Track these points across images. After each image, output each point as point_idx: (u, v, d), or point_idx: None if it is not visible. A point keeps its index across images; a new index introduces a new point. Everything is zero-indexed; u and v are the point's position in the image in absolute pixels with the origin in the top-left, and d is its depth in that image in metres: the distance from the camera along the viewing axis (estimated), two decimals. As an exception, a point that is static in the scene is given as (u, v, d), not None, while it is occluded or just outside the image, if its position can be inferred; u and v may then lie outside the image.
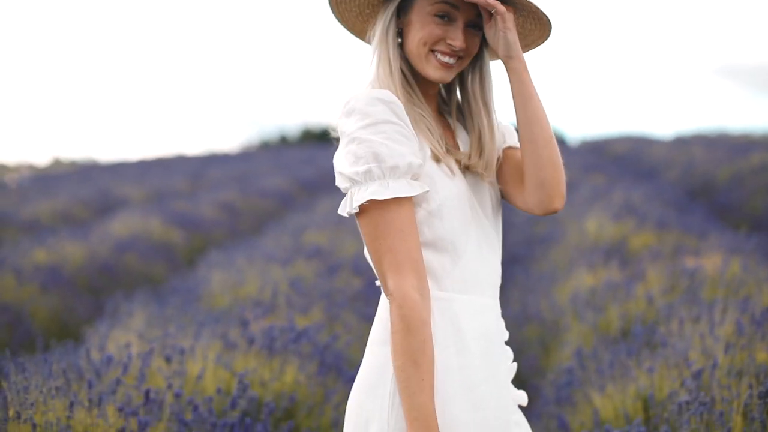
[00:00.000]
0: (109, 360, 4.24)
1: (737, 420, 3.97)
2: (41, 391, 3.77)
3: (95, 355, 4.53)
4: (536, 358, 6.67)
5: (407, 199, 2.32)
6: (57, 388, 3.85)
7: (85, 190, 16.63)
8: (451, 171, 2.44)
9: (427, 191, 2.36)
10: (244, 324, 5.23)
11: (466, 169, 2.49)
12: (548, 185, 2.46)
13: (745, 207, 11.71)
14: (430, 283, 2.38)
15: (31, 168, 32.45)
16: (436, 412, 2.29)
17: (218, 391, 4.20)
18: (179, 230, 11.73)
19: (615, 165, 16.88)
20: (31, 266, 9.09)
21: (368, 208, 2.30)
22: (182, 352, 4.76)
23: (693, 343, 5.06)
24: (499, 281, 2.51)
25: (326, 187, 15.84)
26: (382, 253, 2.30)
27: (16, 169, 31.97)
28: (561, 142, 21.64)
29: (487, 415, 2.38)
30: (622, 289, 6.77)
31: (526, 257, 9.47)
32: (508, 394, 2.48)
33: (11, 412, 3.63)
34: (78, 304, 8.64)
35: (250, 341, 4.86)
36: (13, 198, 16.21)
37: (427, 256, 2.38)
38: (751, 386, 4.11)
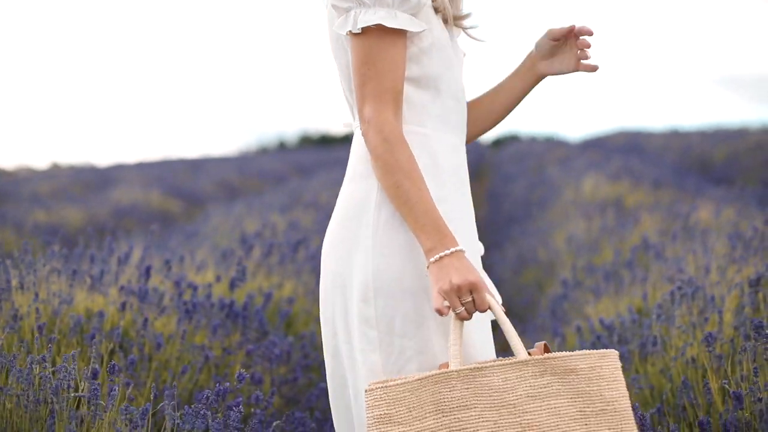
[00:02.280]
0: (110, 251, 4.30)
1: (729, 303, 4.03)
2: (44, 265, 3.84)
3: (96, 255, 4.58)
4: (532, 295, 6.74)
5: (404, 33, 2.39)
6: (59, 269, 3.93)
7: (85, 175, 16.70)
8: (444, 17, 2.51)
9: (425, 29, 2.43)
10: (244, 240, 5.29)
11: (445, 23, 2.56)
12: (480, 132, 2.72)
13: (739, 181, 11.78)
14: (411, 118, 2.44)
15: (30, 171, 32.51)
16: (411, 242, 2.35)
17: (217, 278, 4.25)
18: (178, 200, 11.79)
19: (613, 151, 16.95)
20: (31, 224, 9.16)
21: (369, 31, 2.36)
22: (182, 259, 4.83)
23: (687, 260, 5.14)
24: (465, 127, 2.59)
25: (323, 167, 15.89)
26: (369, 79, 2.35)
27: (15, 173, 32.05)
28: (562, 143, 21.82)
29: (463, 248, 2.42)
30: (617, 231, 6.84)
31: (523, 218, 9.53)
32: (476, 235, 2.55)
33: (15, 282, 3.70)
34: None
35: (249, 249, 4.92)
36: (14, 181, 16.28)
37: (409, 91, 2.43)
38: (741, 283, 4.18)
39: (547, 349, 2.30)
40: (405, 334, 2.33)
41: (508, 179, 13.29)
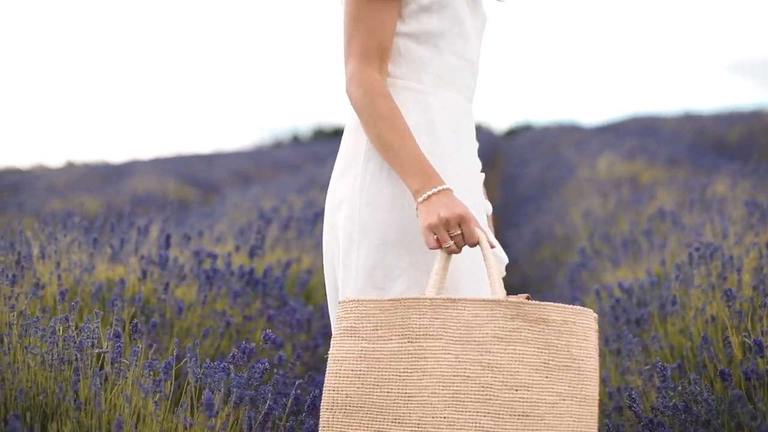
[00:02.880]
0: (130, 223, 4.33)
1: (747, 264, 4.04)
2: (65, 236, 3.87)
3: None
4: (549, 270, 6.73)
5: None
6: (80, 240, 3.95)
7: (100, 170, 16.74)
8: None
9: None
10: (262, 215, 5.30)
11: None
12: None
13: (755, 159, 11.74)
14: (408, 74, 2.45)
15: (45, 169, 32.64)
16: (396, 195, 2.37)
17: (236, 248, 4.27)
18: (194, 188, 11.82)
19: (627, 134, 16.91)
20: (48, 212, 9.19)
21: None
22: (200, 233, 4.85)
23: (704, 227, 5.14)
24: (475, 87, 2.59)
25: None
26: (356, 35, 2.38)
27: (30, 171, 32.18)
28: (576, 128, 21.75)
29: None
30: (633, 205, 6.84)
31: (539, 197, 9.53)
32: (480, 192, 2.56)
33: (36, 251, 3.72)
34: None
35: (267, 222, 4.93)
36: (29, 177, 16.34)
37: (408, 45, 2.45)
38: (758, 244, 4.19)
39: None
40: (383, 287, 2.37)
41: (523, 163, 13.29)
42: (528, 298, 2.28)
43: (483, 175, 2.65)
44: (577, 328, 2.20)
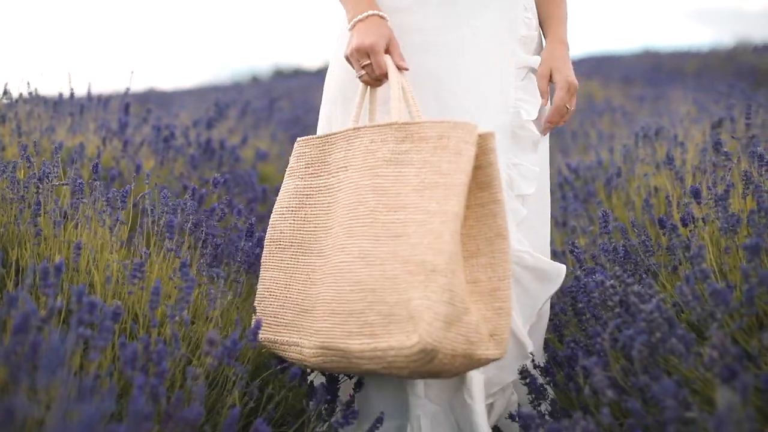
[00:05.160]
0: (89, 97, 4.36)
1: (691, 146, 4.18)
2: (24, 103, 3.90)
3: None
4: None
5: None
6: (40, 110, 3.99)
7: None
8: None
9: None
10: (218, 104, 5.35)
11: None
12: None
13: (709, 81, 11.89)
14: None
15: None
16: None
17: (194, 123, 4.33)
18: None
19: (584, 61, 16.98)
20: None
21: None
22: (159, 118, 4.89)
23: (653, 121, 5.26)
24: None
25: (297, 91, 15.86)
26: None
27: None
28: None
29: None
30: (586, 114, 6.95)
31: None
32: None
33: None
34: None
35: (224, 108, 4.98)
36: None
37: None
38: (703, 123, 4.31)
39: None
40: None
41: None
42: None
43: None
44: (451, 143, 2.11)
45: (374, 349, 1.98)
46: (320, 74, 15.06)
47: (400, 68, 2.31)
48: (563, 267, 2.47)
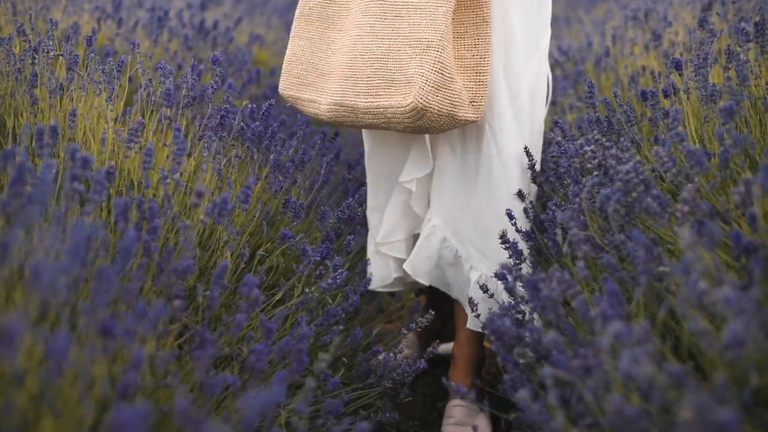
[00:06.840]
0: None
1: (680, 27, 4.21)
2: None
3: None
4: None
5: None
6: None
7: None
8: None
9: None
10: None
11: None
12: None
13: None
14: None
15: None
16: None
17: (188, 5, 4.35)
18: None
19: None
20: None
21: None
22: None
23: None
24: None
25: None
26: None
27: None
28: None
29: None
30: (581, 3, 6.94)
31: None
32: None
33: None
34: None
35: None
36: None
37: None
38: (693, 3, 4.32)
39: None
40: None
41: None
42: None
43: None
44: None
45: (378, 106, 2.41)
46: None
47: None
48: None
